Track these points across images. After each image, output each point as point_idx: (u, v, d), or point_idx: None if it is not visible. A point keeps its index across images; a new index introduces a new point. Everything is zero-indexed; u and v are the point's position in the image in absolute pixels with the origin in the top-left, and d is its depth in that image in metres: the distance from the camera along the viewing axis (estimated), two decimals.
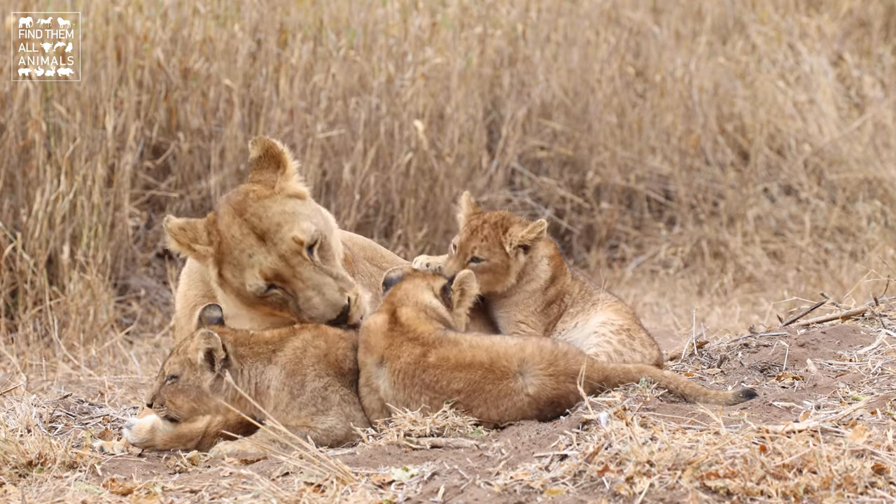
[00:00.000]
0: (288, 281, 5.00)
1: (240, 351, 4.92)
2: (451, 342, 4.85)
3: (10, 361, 8.07)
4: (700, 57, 11.86)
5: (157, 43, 9.57)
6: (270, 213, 5.05)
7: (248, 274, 5.00)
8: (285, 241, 5.00)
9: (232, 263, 5.03)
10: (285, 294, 5.03)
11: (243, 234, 5.02)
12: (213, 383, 4.88)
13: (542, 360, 4.83)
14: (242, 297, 5.08)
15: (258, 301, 5.06)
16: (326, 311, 4.99)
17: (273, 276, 4.99)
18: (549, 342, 4.89)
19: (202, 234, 5.09)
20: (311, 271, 5.01)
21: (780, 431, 4.48)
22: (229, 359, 4.89)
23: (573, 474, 4.30)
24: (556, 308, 5.52)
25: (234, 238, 5.03)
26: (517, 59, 11.19)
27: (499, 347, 4.85)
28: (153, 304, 9.30)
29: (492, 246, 5.35)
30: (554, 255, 5.55)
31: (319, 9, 10.25)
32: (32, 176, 8.87)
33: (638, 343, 5.41)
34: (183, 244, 5.09)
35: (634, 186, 11.21)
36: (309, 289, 5.00)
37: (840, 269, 10.43)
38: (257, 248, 5.01)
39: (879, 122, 11.66)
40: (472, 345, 4.85)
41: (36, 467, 4.84)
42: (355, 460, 4.61)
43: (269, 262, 4.99)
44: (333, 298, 5.00)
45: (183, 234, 5.08)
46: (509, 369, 4.82)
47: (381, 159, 10.07)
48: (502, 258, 5.37)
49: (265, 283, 5.00)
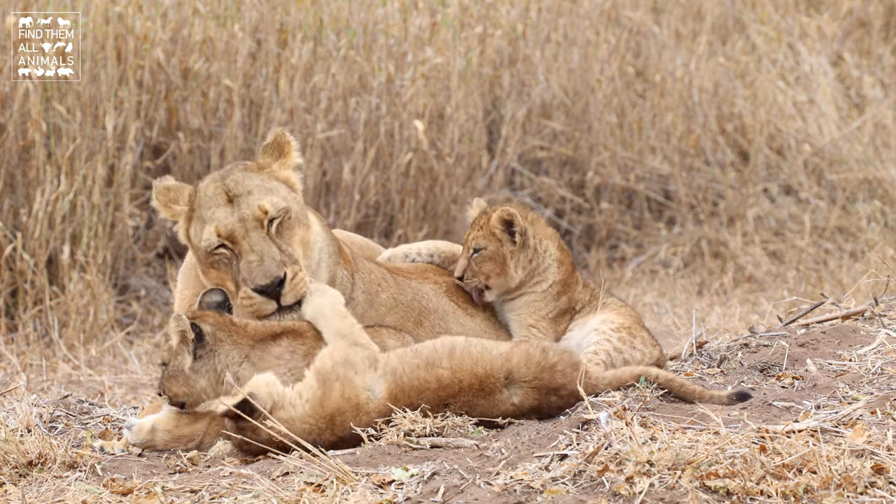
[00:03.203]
0: (237, 242, 5.17)
1: (218, 335, 5.01)
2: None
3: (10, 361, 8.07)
4: (700, 57, 11.86)
5: (157, 43, 9.57)
6: (248, 183, 5.24)
7: (206, 230, 5.18)
8: (251, 207, 5.18)
9: (197, 219, 5.23)
10: (231, 255, 5.18)
11: (216, 193, 5.22)
12: (192, 365, 4.96)
13: (528, 373, 4.86)
14: (200, 262, 5.26)
15: (209, 263, 5.21)
16: (258, 276, 5.11)
17: (226, 235, 5.17)
18: (538, 352, 4.89)
19: (185, 196, 5.31)
20: (261, 238, 5.16)
21: (779, 431, 4.48)
22: (204, 339, 4.97)
23: (573, 474, 4.30)
24: (568, 317, 5.55)
25: (206, 196, 5.23)
26: (517, 59, 11.19)
27: (486, 364, 4.86)
28: (153, 304, 9.31)
29: (486, 234, 5.45)
30: (565, 260, 5.57)
31: (319, 9, 10.25)
32: (32, 176, 8.87)
33: (638, 342, 5.42)
34: (162, 202, 5.33)
35: (634, 186, 11.21)
36: (253, 253, 5.14)
37: (840, 269, 10.44)
38: (223, 209, 5.20)
39: (879, 122, 11.66)
40: (455, 368, 4.86)
41: (36, 467, 4.84)
42: (355, 460, 4.61)
43: (227, 222, 5.17)
44: (269, 267, 5.12)
45: (165, 193, 5.33)
46: (497, 385, 4.85)
47: (381, 159, 10.07)
48: (496, 244, 5.45)
49: (217, 240, 5.16)
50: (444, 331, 5.45)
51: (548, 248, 5.53)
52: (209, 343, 4.97)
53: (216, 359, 4.98)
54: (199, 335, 4.96)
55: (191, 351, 4.97)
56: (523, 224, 5.46)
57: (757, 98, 11.69)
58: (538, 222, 5.56)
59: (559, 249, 5.56)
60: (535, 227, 5.52)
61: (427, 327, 5.45)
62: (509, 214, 5.44)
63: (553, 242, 5.55)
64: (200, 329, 4.97)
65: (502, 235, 5.45)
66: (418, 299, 5.49)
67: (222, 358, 4.98)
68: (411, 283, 5.54)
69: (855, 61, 12.31)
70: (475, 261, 5.44)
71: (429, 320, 5.47)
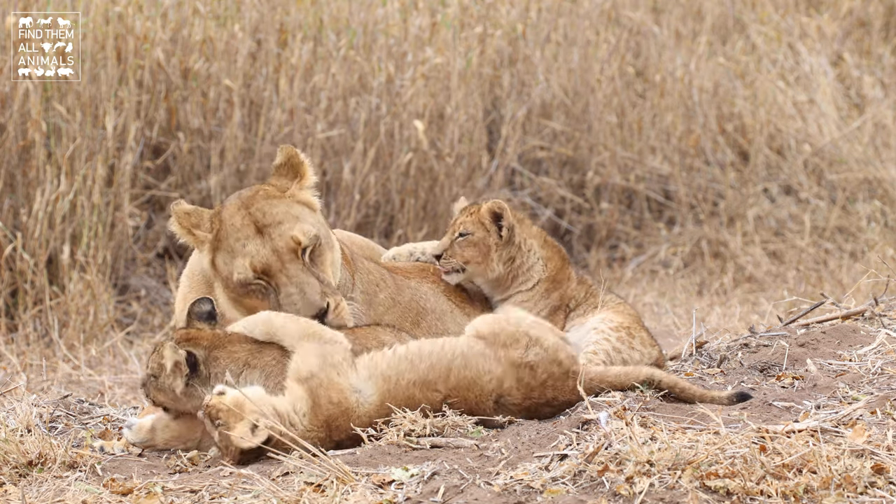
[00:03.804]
0: (274, 275, 5.11)
1: (214, 354, 4.94)
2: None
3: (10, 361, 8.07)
4: (700, 57, 11.86)
5: (157, 43, 9.57)
6: (275, 211, 5.16)
7: (239, 262, 5.11)
8: (283, 237, 5.11)
9: (226, 250, 5.14)
10: (269, 287, 5.12)
11: (244, 224, 5.14)
12: (184, 390, 4.92)
13: (518, 395, 4.85)
14: (230, 289, 5.18)
15: (243, 293, 5.15)
16: (303, 309, 5.07)
17: (262, 269, 5.11)
18: (527, 372, 4.87)
19: (206, 221, 5.22)
20: (299, 269, 5.11)
21: (779, 431, 4.48)
22: (199, 368, 4.90)
23: (573, 474, 4.30)
24: (562, 314, 5.56)
25: (233, 227, 5.14)
26: (517, 59, 11.19)
27: (478, 390, 4.84)
28: (153, 304, 9.31)
29: (475, 221, 5.52)
30: (552, 256, 5.59)
31: (319, 9, 10.25)
32: (32, 176, 8.87)
33: (637, 342, 5.42)
34: (184, 227, 5.22)
35: (634, 186, 11.21)
36: (292, 285, 5.09)
37: (840, 269, 10.44)
38: (253, 240, 5.13)
39: (879, 122, 11.66)
40: (449, 393, 4.85)
41: (36, 467, 4.84)
42: (355, 460, 4.61)
43: (261, 255, 5.11)
44: (313, 299, 5.08)
45: (186, 219, 5.22)
46: (487, 408, 4.85)
47: (381, 159, 10.07)
48: (483, 232, 5.49)
49: (253, 275, 5.11)
50: (442, 331, 5.45)
51: (532, 247, 5.58)
52: (203, 372, 4.93)
53: (209, 383, 4.94)
54: (194, 365, 4.91)
55: (184, 379, 4.94)
56: (511, 220, 5.51)
57: (757, 98, 11.69)
58: (525, 222, 5.64)
59: (544, 247, 5.61)
60: (521, 226, 5.60)
61: (424, 327, 5.45)
62: (500, 207, 5.52)
63: (537, 241, 5.60)
64: (196, 359, 4.92)
65: (490, 226, 5.51)
66: (416, 299, 5.49)
67: (217, 379, 4.93)
68: (410, 283, 5.54)
69: (855, 61, 12.31)
70: (459, 244, 5.51)
71: (426, 320, 5.47)
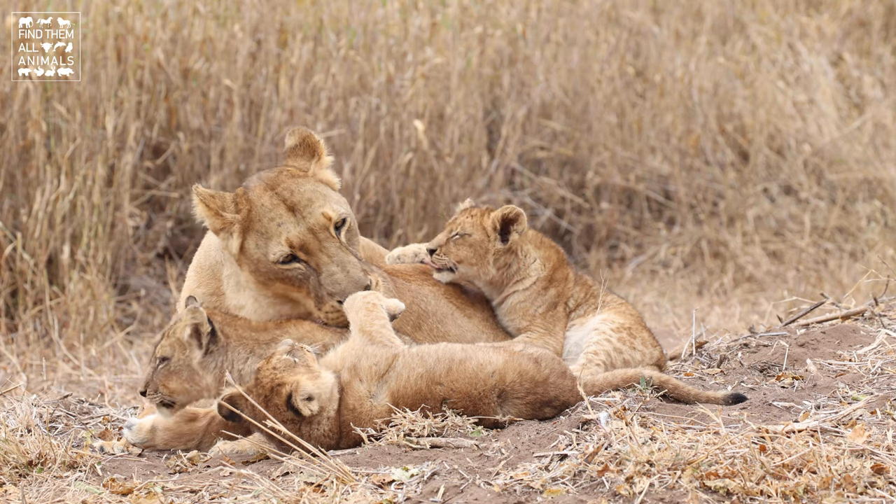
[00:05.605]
0: (313, 253, 5.07)
1: (226, 331, 4.99)
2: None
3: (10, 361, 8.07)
4: (700, 57, 11.86)
5: (157, 43, 9.57)
6: (303, 190, 5.13)
7: (274, 242, 5.06)
8: (314, 215, 5.08)
9: (259, 231, 5.09)
10: (307, 269, 5.08)
11: (274, 204, 5.10)
12: (201, 360, 4.94)
13: (522, 389, 4.84)
14: (259, 273, 5.12)
15: (276, 275, 5.09)
16: (349, 286, 5.04)
17: (299, 246, 5.06)
18: (531, 365, 4.87)
19: (230, 203, 5.15)
20: (337, 248, 5.09)
21: (779, 431, 4.48)
22: (216, 334, 4.94)
23: (573, 474, 4.30)
24: (563, 311, 5.56)
25: (263, 207, 5.10)
26: (517, 59, 11.19)
27: (481, 385, 4.84)
28: (153, 304, 9.30)
29: (476, 223, 5.49)
30: (550, 255, 5.59)
31: (319, 9, 10.25)
32: (32, 176, 8.87)
33: (639, 342, 5.42)
34: (212, 209, 5.13)
35: (634, 186, 11.21)
36: (334, 264, 5.07)
37: (840, 269, 10.44)
38: (287, 218, 5.09)
39: (879, 122, 11.66)
40: (452, 387, 4.85)
41: (36, 467, 4.84)
42: (355, 460, 4.62)
43: (297, 232, 5.06)
44: (357, 276, 5.06)
45: (213, 201, 5.14)
46: (490, 404, 4.84)
47: (381, 159, 10.07)
48: (482, 235, 5.47)
49: (289, 251, 5.05)
50: (443, 334, 5.45)
51: (528, 252, 5.57)
52: (221, 339, 4.97)
53: (225, 355, 4.97)
54: (213, 330, 4.95)
55: (203, 345, 4.95)
56: (526, 227, 5.50)
57: (757, 98, 11.69)
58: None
59: (540, 248, 5.61)
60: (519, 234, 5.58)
61: (425, 330, 5.44)
62: (516, 213, 5.47)
63: (533, 244, 5.60)
64: (213, 326, 4.96)
65: (491, 232, 5.49)
66: (417, 302, 5.48)
67: (230, 355, 4.97)
68: (410, 286, 5.54)
69: (855, 61, 12.31)
70: (455, 242, 5.49)
71: (427, 323, 5.47)
